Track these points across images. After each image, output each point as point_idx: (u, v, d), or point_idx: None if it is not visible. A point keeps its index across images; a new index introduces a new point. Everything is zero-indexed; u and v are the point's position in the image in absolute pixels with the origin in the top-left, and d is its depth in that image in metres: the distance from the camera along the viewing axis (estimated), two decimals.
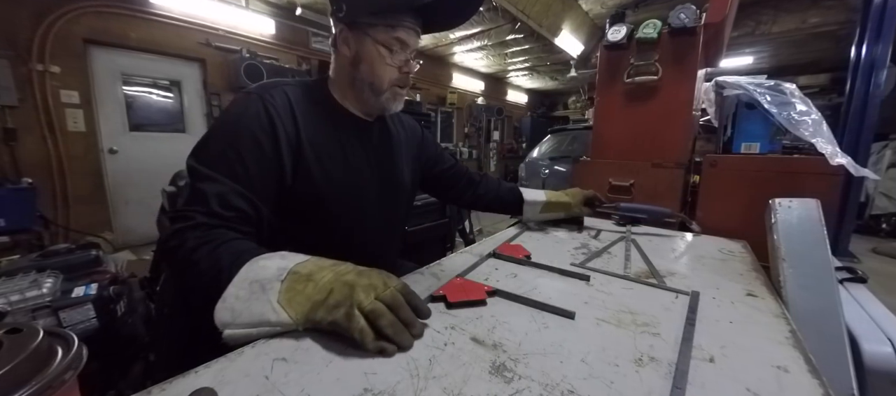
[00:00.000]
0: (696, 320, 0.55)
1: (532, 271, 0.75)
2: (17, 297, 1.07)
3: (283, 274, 0.49)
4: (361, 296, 0.46)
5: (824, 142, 1.01)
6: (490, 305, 0.59)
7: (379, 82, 0.72)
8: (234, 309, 0.47)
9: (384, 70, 0.71)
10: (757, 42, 5.13)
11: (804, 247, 0.74)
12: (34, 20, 2.79)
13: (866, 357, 0.64)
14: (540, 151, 4.84)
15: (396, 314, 0.47)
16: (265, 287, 0.48)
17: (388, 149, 0.84)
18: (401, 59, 0.71)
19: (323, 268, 0.50)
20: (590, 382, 0.40)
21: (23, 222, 2.51)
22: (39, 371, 0.25)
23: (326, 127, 0.73)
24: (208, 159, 0.61)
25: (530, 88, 9.55)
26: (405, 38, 0.70)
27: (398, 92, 0.75)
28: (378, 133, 0.82)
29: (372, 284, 0.48)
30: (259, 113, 0.65)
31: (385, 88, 0.72)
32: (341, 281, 0.47)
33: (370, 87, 0.72)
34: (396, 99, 0.76)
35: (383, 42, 0.69)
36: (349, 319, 0.44)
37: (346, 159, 0.74)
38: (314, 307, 0.46)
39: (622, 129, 1.35)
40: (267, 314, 0.46)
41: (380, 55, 0.69)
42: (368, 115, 0.80)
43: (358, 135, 0.78)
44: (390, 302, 0.47)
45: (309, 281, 0.48)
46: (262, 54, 4.08)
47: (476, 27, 4.96)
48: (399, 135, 0.89)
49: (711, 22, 1.16)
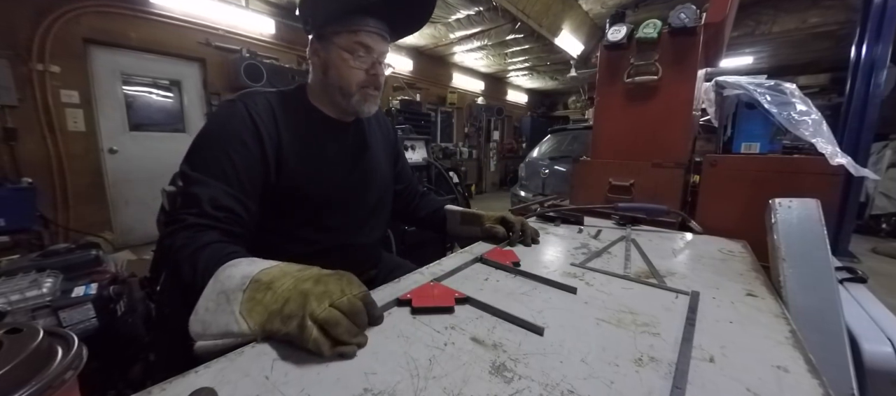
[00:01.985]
0: (696, 320, 0.55)
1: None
2: (17, 297, 1.07)
3: (245, 283, 0.49)
4: (314, 305, 0.44)
5: (824, 142, 1.01)
6: (489, 305, 0.59)
7: (346, 85, 0.76)
8: (205, 321, 0.47)
9: (350, 73, 0.75)
10: (757, 42, 5.13)
11: (804, 247, 0.74)
12: (34, 20, 2.79)
13: (866, 357, 0.64)
14: (540, 151, 4.84)
15: (354, 321, 0.45)
16: (230, 297, 0.48)
17: (366, 146, 0.89)
18: (366, 62, 0.75)
19: (285, 274, 0.49)
20: (590, 382, 0.40)
21: (23, 222, 2.51)
22: (39, 371, 0.25)
23: (305, 129, 0.78)
24: (199, 164, 0.66)
25: (530, 88, 9.55)
26: (368, 42, 0.74)
27: (369, 94, 0.78)
28: (354, 132, 0.87)
29: (327, 291, 0.46)
30: (243, 117, 0.70)
31: (353, 91, 0.77)
32: (297, 290, 0.46)
33: (340, 91, 0.77)
34: (367, 100, 0.79)
35: (346, 47, 0.73)
36: (301, 330, 0.43)
37: (325, 157, 0.79)
38: (270, 317, 0.46)
39: (622, 129, 1.34)
40: (230, 325, 0.46)
41: (344, 60, 0.74)
42: (345, 117, 0.84)
43: (336, 135, 0.83)
44: (347, 309, 0.45)
45: (268, 290, 0.48)
46: (262, 54, 4.08)
47: (476, 27, 4.96)
48: (376, 134, 0.95)
49: (711, 22, 1.16)
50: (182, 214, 0.61)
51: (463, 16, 4.64)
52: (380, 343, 0.47)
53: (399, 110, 5.19)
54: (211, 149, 0.67)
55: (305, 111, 0.80)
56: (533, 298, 0.62)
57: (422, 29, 0.86)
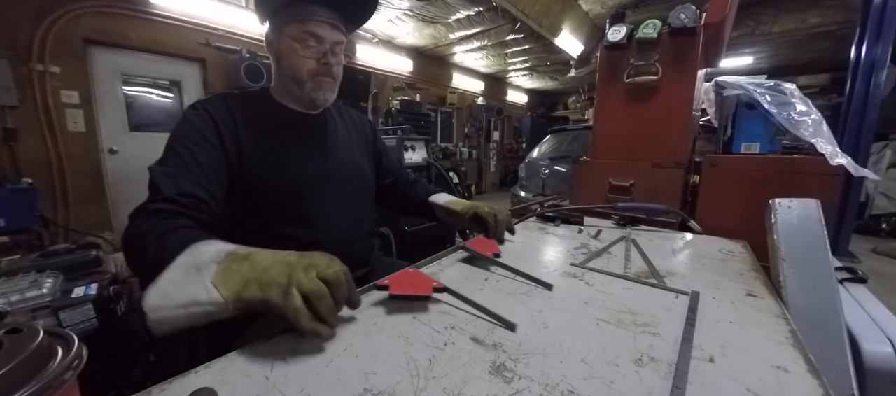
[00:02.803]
0: (696, 320, 0.55)
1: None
2: (17, 297, 1.07)
3: (221, 256, 0.47)
4: (301, 275, 0.44)
5: (824, 142, 1.01)
6: (489, 306, 0.59)
7: (297, 74, 0.76)
8: (166, 293, 0.45)
9: (300, 62, 0.76)
10: (757, 42, 5.13)
11: (804, 247, 0.74)
12: (34, 20, 2.79)
13: (866, 357, 0.64)
14: (540, 151, 4.84)
15: (334, 294, 0.45)
16: (201, 268, 0.46)
17: (337, 138, 0.89)
18: (317, 51, 0.76)
19: (264, 251, 0.49)
20: (590, 382, 0.40)
21: (23, 222, 2.51)
22: (39, 371, 0.25)
23: (267, 125, 0.78)
24: (162, 161, 0.67)
25: (530, 88, 9.55)
26: (317, 31, 0.74)
27: (322, 81, 0.78)
28: (322, 124, 0.87)
29: (313, 263, 0.46)
30: (201, 115, 0.72)
31: (305, 79, 0.77)
32: (282, 262, 0.46)
33: (293, 80, 0.78)
34: (321, 88, 0.79)
35: (295, 37, 0.74)
36: (285, 297, 0.42)
37: (289, 148, 0.79)
38: (246, 284, 0.44)
39: (622, 129, 1.34)
40: (198, 294, 0.44)
41: (293, 49, 0.75)
42: (310, 109, 0.85)
43: (302, 127, 0.83)
44: (333, 280, 0.45)
45: (245, 261, 0.47)
46: (262, 54, 4.07)
47: (476, 27, 4.96)
48: (348, 126, 0.95)
49: (711, 22, 1.16)
50: (145, 203, 0.61)
51: (463, 16, 4.64)
52: (380, 344, 0.47)
53: (399, 110, 5.19)
54: (172, 146, 0.68)
55: (268, 106, 0.82)
56: (531, 298, 0.62)
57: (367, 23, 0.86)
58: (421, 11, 4.45)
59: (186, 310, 0.44)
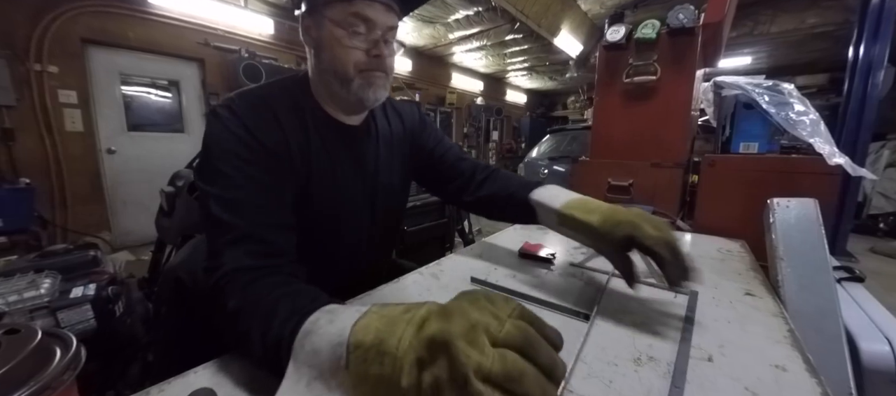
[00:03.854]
0: (694, 319, 0.55)
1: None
2: (15, 298, 1.07)
3: (342, 355, 0.34)
4: (473, 354, 0.27)
5: (822, 142, 1.01)
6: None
7: (343, 68, 0.60)
8: None
9: (346, 54, 0.59)
10: (755, 42, 5.15)
11: (802, 247, 0.74)
12: (32, 19, 2.78)
13: (864, 356, 0.64)
14: (539, 151, 4.85)
15: (535, 359, 0.29)
16: (329, 383, 0.34)
17: (378, 156, 0.75)
18: (367, 39, 0.60)
19: (393, 322, 0.34)
20: (588, 381, 0.40)
21: (21, 222, 2.50)
22: (38, 372, 0.25)
23: (313, 134, 0.64)
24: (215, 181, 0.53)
25: (529, 88, 9.56)
26: (367, 13, 0.58)
27: (373, 76, 0.62)
28: (366, 137, 0.73)
29: (474, 323, 0.29)
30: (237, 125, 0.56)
31: (351, 75, 0.61)
32: (426, 340, 0.30)
33: (335, 76, 0.62)
34: (372, 86, 0.62)
35: (340, 22, 0.58)
36: None
37: (332, 171, 0.66)
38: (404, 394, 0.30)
39: (621, 129, 1.35)
40: None
41: (337, 38, 0.59)
42: (352, 117, 0.70)
43: (344, 143, 0.69)
44: (521, 342, 0.29)
45: (383, 355, 0.32)
46: (261, 54, 4.07)
47: (475, 27, 4.96)
48: (390, 130, 0.78)
49: (710, 22, 1.16)
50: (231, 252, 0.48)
51: (462, 16, 4.64)
52: None
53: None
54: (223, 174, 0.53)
55: (310, 110, 0.66)
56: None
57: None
58: (420, 11, 4.45)
59: None
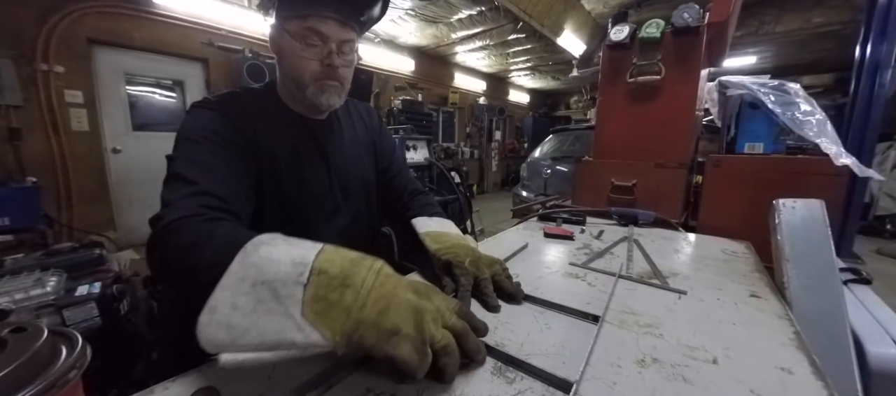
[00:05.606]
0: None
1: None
2: (22, 296, 1.08)
3: (304, 273, 0.36)
4: (433, 328, 0.36)
5: (829, 143, 1.00)
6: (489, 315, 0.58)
7: (299, 76, 0.68)
8: (232, 326, 0.35)
9: (302, 63, 0.67)
10: (760, 42, 5.11)
11: (808, 248, 0.73)
12: (38, 20, 2.81)
13: (871, 359, 0.64)
14: (542, 151, 4.83)
15: (463, 346, 0.38)
16: (278, 293, 0.35)
17: (345, 146, 0.81)
18: (320, 51, 0.66)
19: (356, 265, 0.39)
20: (592, 383, 0.40)
21: (27, 221, 2.53)
22: (44, 371, 0.25)
23: (280, 131, 0.71)
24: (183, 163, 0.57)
25: (532, 88, 9.54)
26: (321, 28, 0.65)
27: (326, 84, 0.69)
28: (329, 132, 0.79)
29: (438, 309, 0.38)
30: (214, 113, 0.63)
31: (307, 83, 0.68)
32: (401, 300, 0.37)
33: (294, 83, 0.69)
34: (325, 92, 0.69)
35: (296, 34, 0.65)
36: (421, 358, 0.34)
37: (299, 165, 0.72)
38: (359, 326, 0.35)
39: (625, 129, 1.34)
40: (287, 331, 0.34)
41: (293, 49, 0.66)
42: (315, 114, 0.77)
43: (310, 137, 0.76)
44: (460, 331, 0.38)
45: (346, 288, 0.36)
46: (265, 54, 4.09)
47: (478, 27, 4.95)
48: (354, 128, 0.86)
49: (715, 21, 1.15)
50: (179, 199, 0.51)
51: (465, 16, 4.64)
52: None
53: (401, 110, 5.21)
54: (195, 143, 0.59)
55: (278, 110, 0.74)
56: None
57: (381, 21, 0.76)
58: (423, 11, 4.45)
59: (273, 352, 0.37)
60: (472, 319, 0.42)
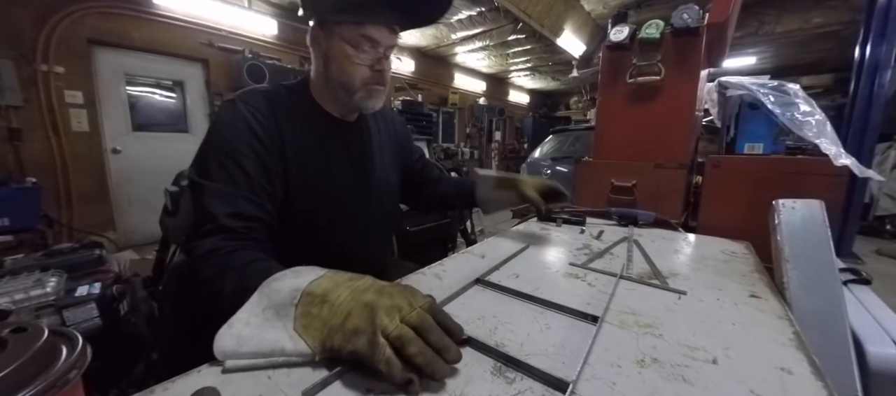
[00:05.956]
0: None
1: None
2: (22, 296, 1.08)
3: (297, 296, 0.43)
4: (385, 320, 0.39)
5: (828, 143, 1.00)
6: (491, 306, 0.59)
7: (349, 81, 0.70)
8: (241, 336, 0.41)
9: (353, 69, 0.68)
10: (760, 42, 5.11)
11: (808, 249, 0.73)
12: (38, 21, 2.81)
13: (871, 359, 0.64)
14: (542, 152, 4.84)
15: (426, 338, 0.39)
16: (279, 312, 0.43)
17: (371, 150, 0.83)
18: (371, 57, 0.69)
19: (339, 285, 0.44)
20: (592, 383, 0.40)
21: (27, 221, 2.53)
22: (44, 371, 0.25)
23: (308, 131, 0.72)
24: (210, 172, 0.61)
25: (532, 88, 9.55)
26: (375, 34, 0.67)
27: (374, 90, 0.72)
28: (359, 134, 0.81)
29: (395, 305, 0.41)
30: (246, 120, 0.65)
31: (357, 87, 0.70)
32: (360, 303, 0.41)
33: (342, 87, 0.71)
34: (372, 96, 0.72)
35: (350, 40, 0.67)
36: (372, 347, 0.38)
37: (328, 165, 0.74)
38: (331, 332, 0.41)
39: (624, 130, 1.34)
40: (281, 342, 0.41)
41: (346, 54, 0.67)
42: (348, 116, 0.79)
43: (340, 138, 0.77)
44: (418, 324, 0.40)
45: (324, 303, 0.42)
46: (265, 55, 4.09)
47: (478, 27, 4.96)
48: (381, 133, 0.88)
49: (714, 22, 1.15)
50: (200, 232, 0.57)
51: (465, 16, 4.64)
52: None
53: (401, 110, 5.20)
54: (219, 157, 0.62)
55: (309, 109, 0.74)
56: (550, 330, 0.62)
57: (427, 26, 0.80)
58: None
59: (268, 359, 0.41)
60: (442, 317, 0.43)
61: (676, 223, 1.16)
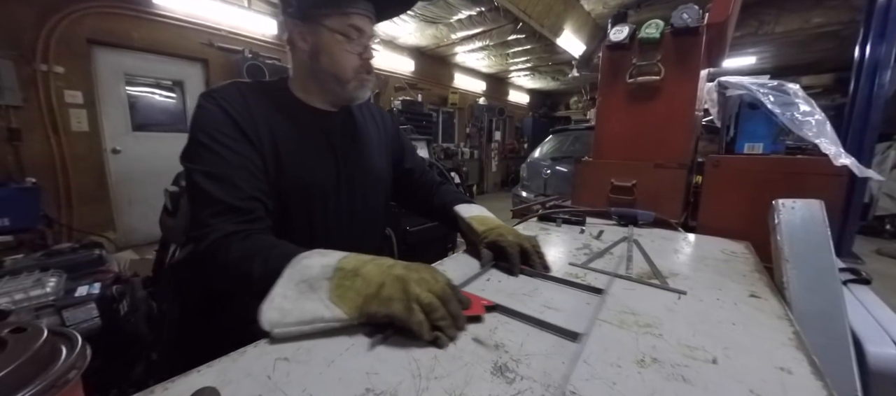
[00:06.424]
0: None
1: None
2: (21, 296, 1.08)
3: (329, 272, 0.50)
4: (417, 290, 0.47)
5: (828, 143, 1.00)
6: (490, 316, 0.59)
7: (342, 71, 0.72)
8: (283, 309, 0.48)
9: (345, 58, 0.71)
10: (760, 42, 5.12)
11: (808, 249, 0.73)
12: (38, 21, 2.81)
13: (870, 359, 0.64)
14: (542, 151, 4.84)
15: (447, 307, 0.48)
16: (314, 285, 0.49)
17: (355, 139, 0.83)
18: (360, 45, 0.72)
19: (366, 263, 0.52)
20: (592, 383, 0.40)
21: (27, 221, 2.53)
22: (44, 371, 0.25)
23: (283, 123, 0.73)
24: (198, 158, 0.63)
25: (532, 88, 9.55)
26: (360, 24, 0.70)
27: (365, 79, 0.76)
28: (342, 123, 0.81)
29: (423, 278, 0.49)
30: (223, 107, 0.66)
31: (349, 77, 0.73)
32: (392, 276, 0.49)
33: (334, 78, 0.73)
34: (363, 85, 0.76)
35: (339, 30, 0.69)
36: (409, 312, 0.46)
37: (303, 152, 0.74)
38: (367, 300, 0.48)
39: (624, 130, 1.34)
40: (320, 311, 0.47)
41: (338, 43, 0.70)
42: (332, 106, 0.80)
43: (318, 126, 0.77)
44: (441, 295, 0.49)
45: (356, 277, 0.50)
46: (265, 54, 4.09)
47: (478, 27, 4.96)
48: (367, 124, 0.88)
49: (714, 22, 1.15)
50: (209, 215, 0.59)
51: (464, 16, 4.64)
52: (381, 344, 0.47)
53: (401, 110, 5.20)
54: (206, 145, 0.64)
55: (286, 102, 0.75)
56: (533, 298, 0.62)
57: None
58: (423, 11, 4.45)
59: (311, 326, 0.47)
60: (456, 291, 0.52)
61: (676, 223, 1.16)
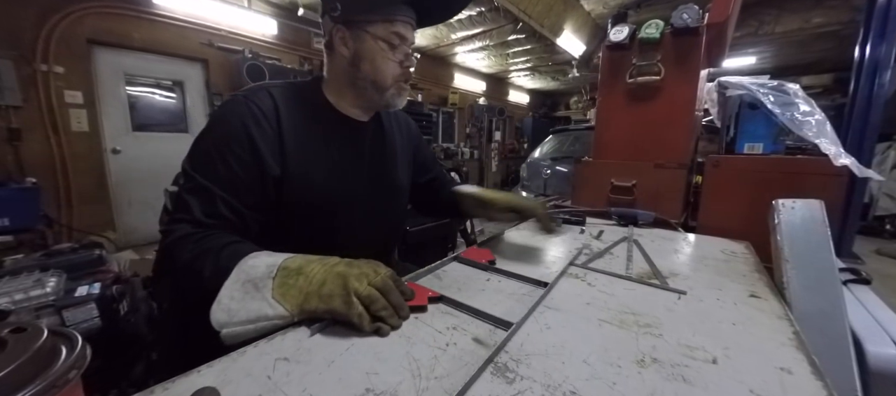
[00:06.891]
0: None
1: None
2: (21, 296, 1.08)
3: (274, 271, 0.51)
4: (356, 284, 0.49)
5: (828, 143, 1.00)
6: (491, 306, 0.59)
7: (382, 79, 0.71)
8: (230, 309, 0.49)
9: (387, 66, 0.71)
10: (760, 42, 5.11)
11: (807, 249, 0.73)
12: (38, 20, 2.81)
13: (870, 359, 0.64)
14: (542, 152, 4.84)
15: (387, 298, 0.50)
16: (258, 285, 0.50)
17: (383, 150, 0.83)
18: (401, 53, 0.71)
19: (311, 262, 0.53)
20: (592, 383, 0.40)
21: (27, 221, 2.52)
22: (44, 371, 0.25)
23: (314, 129, 0.72)
24: (197, 164, 0.63)
25: (532, 88, 9.54)
26: (403, 31, 0.70)
27: (403, 87, 0.75)
28: (372, 133, 0.81)
29: (363, 272, 0.51)
30: (243, 116, 0.65)
31: (389, 84, 0.73)
32: (333, 273, 0.50)
33: (373, 85, 0.72)
34: (401, 94, 0.75)
35: (383, 37, 0.69)
36: (348, 305, 0.47)
37: (333, 162, 0.73)
38: (307, 297, 0.49)
39: (624, 130, 1.34)
40: (263, 309, 0.48)
41: (381, 50, 0.69)
42: (364, 115, 0.79)
43: (350, 136, 0.77)
44: (381, 286, 0.50)
45: (299, 275, 0.51)
46: (265, 55, 4.09)
47: (478, 27, 4.96)
48: (394, 134, 0.87)
49: (714, 22, 1.15)
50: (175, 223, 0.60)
51: (464, 16, 4.64)
52: (381, 344, 0.47)
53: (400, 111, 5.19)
54: (209, 149, 0.64)
55: (318, 108, 0.74)
56: (532, 298, 0.62)
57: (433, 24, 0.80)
58: None
59: (255, 325, 0.48)
60: (399, 283, 0.54)
61: (676, 223, 1.16)
